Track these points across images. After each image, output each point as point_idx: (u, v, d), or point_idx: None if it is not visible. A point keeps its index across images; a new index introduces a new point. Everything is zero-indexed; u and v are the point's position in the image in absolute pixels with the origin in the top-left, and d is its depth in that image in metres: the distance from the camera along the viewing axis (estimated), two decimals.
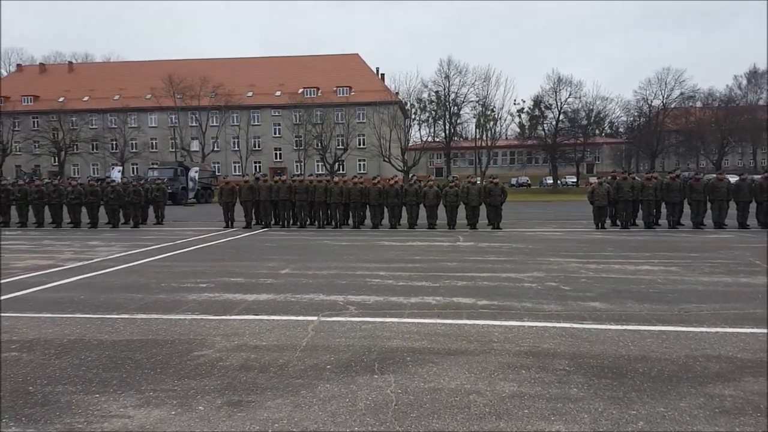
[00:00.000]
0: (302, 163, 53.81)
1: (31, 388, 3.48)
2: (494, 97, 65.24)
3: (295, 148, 54.79)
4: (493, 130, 53.41)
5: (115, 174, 39.82)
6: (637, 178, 16.26)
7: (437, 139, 56.40)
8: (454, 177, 17.39)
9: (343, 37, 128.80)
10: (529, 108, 57.57)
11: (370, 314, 5.37)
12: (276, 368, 3.81)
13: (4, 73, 68.41)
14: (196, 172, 35.93)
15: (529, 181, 63.53)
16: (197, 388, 3.44)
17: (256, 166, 56.05)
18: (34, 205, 16.89)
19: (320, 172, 50.16)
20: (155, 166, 38.34)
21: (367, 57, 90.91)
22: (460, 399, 3.28)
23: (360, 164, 56.02)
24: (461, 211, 15.99)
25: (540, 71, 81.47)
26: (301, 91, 57.26)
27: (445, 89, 54.40)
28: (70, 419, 3.00)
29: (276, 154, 58.29)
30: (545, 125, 56.28)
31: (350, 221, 16.44)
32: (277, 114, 57.42)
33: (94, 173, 52.84)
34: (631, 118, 61.50)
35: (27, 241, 12.81)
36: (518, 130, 63.72)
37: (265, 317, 5.26)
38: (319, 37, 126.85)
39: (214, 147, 55.38)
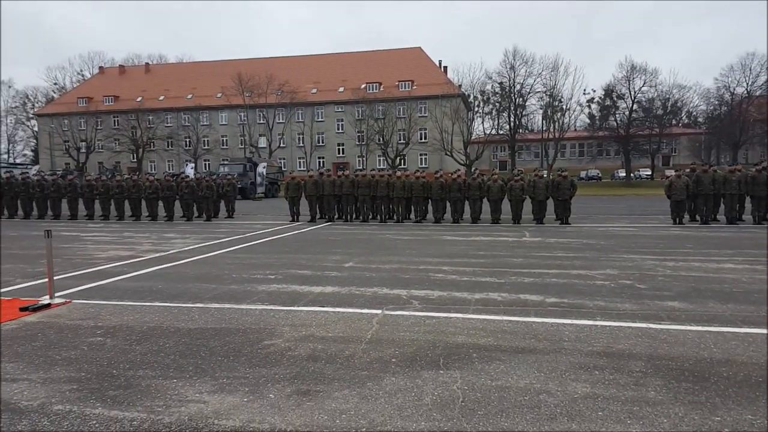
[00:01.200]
0: (364, 158, 54.34)
1: (114, 371, 3.71)
2: (562, 87, 63.29)
3: (357, 143, 55.39)
4: (561, 122, 51.79)
5: (189, 170, 41.81)
6: (718, 170, 15.24)
7: (501, 132, 55.32)
8: (519, 170, 16.96)
9: (406, 30, 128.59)
10: (600, 98, 55.36)
11: (434, 309, 5.33)
12: (342, 359, 3.86)
13: (88, 75, 73.17)
14: (264, 167, 37.15)
15: (600, 174, 61.06)
16: (268, 377, 3.54)
17: (319, 162, 57.23)
18: (115, 200, 18.04)
19: (381, 166, 50.47)
20: (226, 162, 39.95)
21: (429, 49, 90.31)
22: (529, 398, 3.19)
23: (421, 158, 55.87)
24: (527, 206, 15.61)
25: (611, 59, 78.02)
26: (363, 86, 57.73)
27: (510, 80, 53.26)
28: (150, 402, 3.17)
29: (339, 149, 59.18)
30: (617, 115, 53.90)
31: (412, 215, 16.45)
32: (340, 110, 58.23)
33: (169, 169, 55.62)
34: (712, 107, 57.65)
35: (109, 233, 13.67)
36: (588, 121, 61.40)
37: (331, 309, 5.35)
38: (383, 31, 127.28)
39: (280, 143, 57.00)
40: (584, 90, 63.31)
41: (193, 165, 49.90)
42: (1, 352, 3.92)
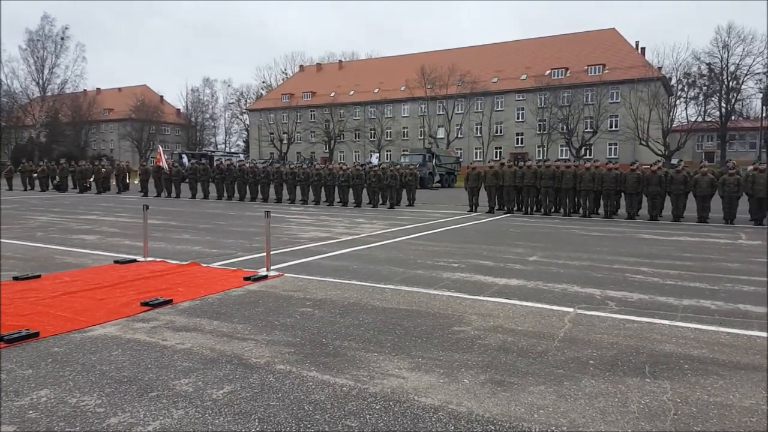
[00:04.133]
0: (545, 148, 52.03)
1: (323, 340, 4.13)
2: None
3: (538, 132, 53.28)
4: None
5: (374, 160, 44.42)
6: None
7: (708, 119, 48.42)
8: (733, 163, 14.70)
9: (598, 10, 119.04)
10: None
11: (634, 312, 4.92)
12: (535, 355, 3.78)
13: (290, 73, 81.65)
14: (441, 158, 37.78)
15: None
16: (460, 362, 3.63)
17: (497, 152, 56.31)
18: (313, 186, 19.97)
19: (564, 156, 47.80)
20: (406, 153, 41.54)
21: (626, 30, 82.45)
22: (757, 421, 2.79)
23: (611, 148, 51.62)
24: (742, 204, 13.51)
25: None
26: (548, 72, 55.13)
27: (722, 61, 46.22)
28: (356, 372, 3.47)
29: (518, 139, 57.54)
30: None
31: (600, 210, 15.32)
32: (521, 98, 56.47)
33: (355, 159, 59.75)
34: None
35: (308, 216, 15.19)
36: None
37: (518, 302, 5.26)
38: (575, 12, 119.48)
39: (458, 134, 57.42)
40: None
41: (377, 155, 52.89)
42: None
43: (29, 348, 3.86)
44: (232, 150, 75.80)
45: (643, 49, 56.05)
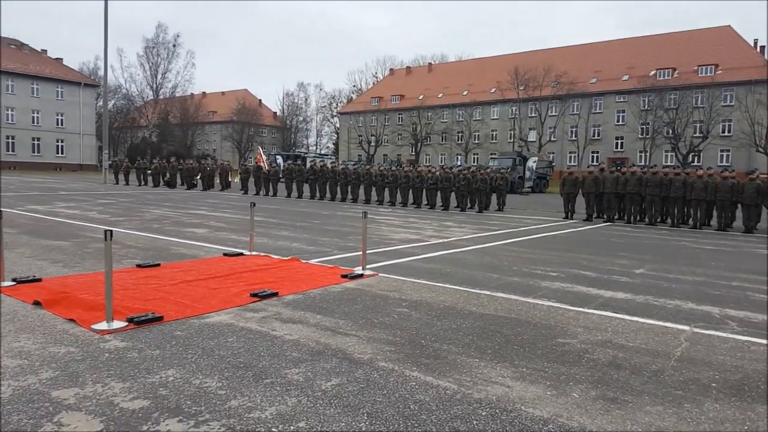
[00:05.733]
0: (647, 153, 48.92)
1: (423, 341, 4.15)
2: None
3: (640, 136, 50.18)
4: None
5: (459, 163, 44.04)
6: None
7: None
8: None
9: (714, 9, 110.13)
10: None
11: (759, 335, 4.50)
12: (650, 373, 3.56)
13: (380, 77, 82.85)
14: (534, 161, 36.70)
15: None
16: (568, 375, 3.50)
17: (593, 156, 53.75)
18: (401, 188, 20.15)
19: (669, 163, 44.71)
20: (495, 156, 40.77)
21: (742, 28, 75.80)
22: None
23: (723, 155, 47.57)
24: None
25: None
26: (653, 73, 51.83)
27: None
28: (459, 376, 3.45)
29: (617, 143, 54.52)
30: None
31: (712, 222, 14.17)
32: (622, 100, 53.50)
33: (441, 161, 59.51)
34: None
35: (396, 217, 15.33)
36: None
37: (627, 317, 4.98)
38: (684, 13, 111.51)
39: (550, 137, 55.47)
40: None
41: (463, 159, 52.37)
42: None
43: (155, 330, 4.22)
44: (322, 152, 78.31)
45: (762, 47, 51.15)
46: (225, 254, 7.78)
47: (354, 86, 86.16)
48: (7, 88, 52.27)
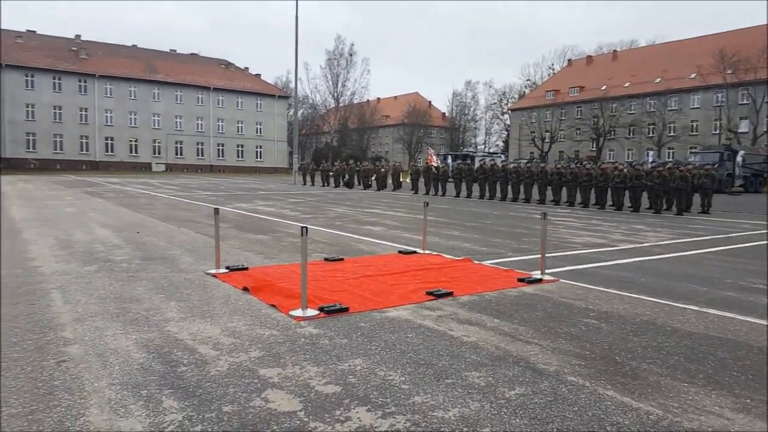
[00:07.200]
0: None
1: (617, 358, 3.74)
2: None
3: None
4: None
5: (650, 158, 39.73)
6: None
7: None
8: None
9: None
10: None
11: None
12: None
13: (557, 69, 78.50)
14: (742, 156, 31.59)
15: None
16: None
17: None
18: (581, 187, 18.80)
19: None
20: (697, 151, 35.96)
21: None
22: None
23: None
24: None
25: None
26: None
27: None
28: (663, 400, 3.03)
29: None
30: None
31: None
32: None
33: (627, 158, 54.35)
34: None
35: (576, 219, 14.32)
36: None
37: None
38: None
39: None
40: None
41: (654, 154, 47.13)
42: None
43: (342, 320, 4.47)
44: (491, 150, 77.05)
45: None
46: (400, 252, 8.01)
47: (527, 80, 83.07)
48: (218, 102, 62.27)
